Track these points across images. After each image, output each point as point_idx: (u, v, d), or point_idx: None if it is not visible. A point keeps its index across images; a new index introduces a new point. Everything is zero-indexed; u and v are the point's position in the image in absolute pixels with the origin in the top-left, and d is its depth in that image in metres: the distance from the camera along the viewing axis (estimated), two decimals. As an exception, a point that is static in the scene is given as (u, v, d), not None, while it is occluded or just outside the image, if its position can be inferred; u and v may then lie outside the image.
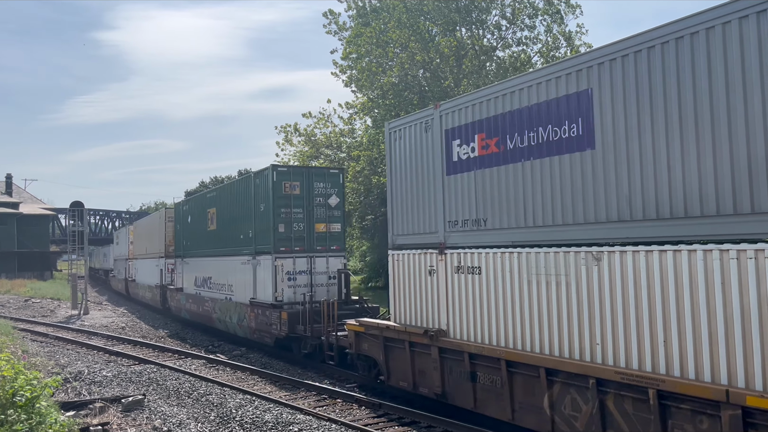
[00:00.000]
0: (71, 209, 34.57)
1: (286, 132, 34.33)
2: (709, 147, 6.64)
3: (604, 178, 7.77)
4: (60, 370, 15.18)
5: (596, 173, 7.87)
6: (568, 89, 8.25)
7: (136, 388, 13.64)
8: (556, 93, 8.42)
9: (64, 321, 27.69)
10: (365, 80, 30.87)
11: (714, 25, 6.58)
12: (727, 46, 6.46)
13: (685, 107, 6.87)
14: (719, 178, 6.56)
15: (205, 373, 15.38)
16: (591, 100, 7.92)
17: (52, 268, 68.61)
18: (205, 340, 21.76)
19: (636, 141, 7.38)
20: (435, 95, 29.01)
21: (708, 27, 6.63)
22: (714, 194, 6.58)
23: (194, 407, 11.94)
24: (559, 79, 8.38)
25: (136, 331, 24.40)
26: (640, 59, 7.31)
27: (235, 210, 19.94)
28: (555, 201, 8.42)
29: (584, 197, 8.00)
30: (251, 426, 10.46)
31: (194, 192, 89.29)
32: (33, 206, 69.04)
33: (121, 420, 11.01)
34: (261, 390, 13.37)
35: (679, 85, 6.92)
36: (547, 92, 8.56)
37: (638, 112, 7.35)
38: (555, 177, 8.42)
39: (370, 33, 30.01)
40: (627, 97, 7.48)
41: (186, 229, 25.57)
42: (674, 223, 6.98)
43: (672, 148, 6.98)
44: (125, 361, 17.39)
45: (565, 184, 8.27)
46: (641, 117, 7.31)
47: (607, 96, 7.70)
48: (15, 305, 34.51)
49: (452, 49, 28.55)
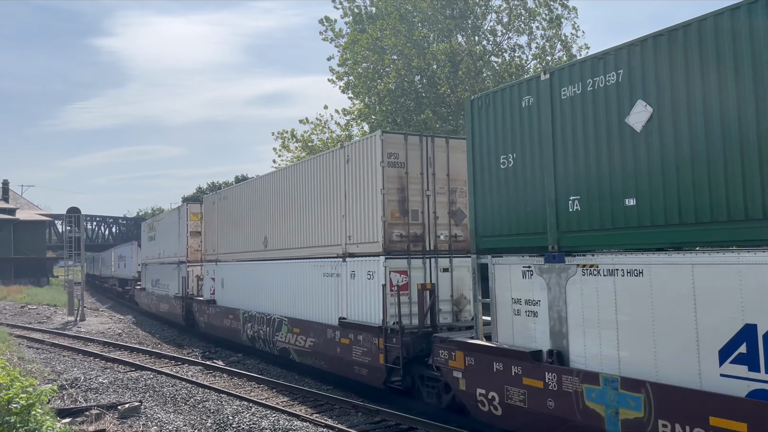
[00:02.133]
0: (68, 215, 34.50)
1: (283, 138, 34.38)
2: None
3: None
4: (56, 377, 15.14)
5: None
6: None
7: (132, 395, 13.59)
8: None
9: (60, 327, 27.62)
10: (362, 86, 30.95)
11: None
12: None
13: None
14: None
15: (202, 379, 15.35)
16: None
17: (49, 274, 68.44)
18: (202, 346, 21.71)
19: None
20: (431, 101, 29.10)
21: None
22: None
23: (191, 414, 11.91)
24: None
25: (132, 338, 24.34)
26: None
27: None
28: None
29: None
30: (248, 432, 10.43)
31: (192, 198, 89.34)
32: (30, 212, 68.92)
33: (117, 427, 10.97)
34: (258, 396, 13.34)
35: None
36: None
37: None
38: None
39: (366, 40, 30.11)
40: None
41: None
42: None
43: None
44: (122, 367, 17.34)
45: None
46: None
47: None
48: (11, 312, 34.41)
49: (448, 55, 28.65)
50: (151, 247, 32.43)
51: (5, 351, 17.00)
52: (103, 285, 56.74)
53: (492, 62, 30.61)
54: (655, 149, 7.14)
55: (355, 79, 31.38)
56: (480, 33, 30.58)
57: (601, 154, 7.77)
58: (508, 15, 30.20)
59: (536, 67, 30.34)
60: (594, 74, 7.92)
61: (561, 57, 29.78)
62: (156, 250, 31.03)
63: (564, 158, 8.31)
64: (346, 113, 33.96)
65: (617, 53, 7.63)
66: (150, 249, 32.86)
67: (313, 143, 34.00)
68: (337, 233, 13.98)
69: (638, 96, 7.35)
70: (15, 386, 7.39)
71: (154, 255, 31.52)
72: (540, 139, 8.68)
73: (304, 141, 33.97)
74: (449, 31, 29.69)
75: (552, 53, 30.09)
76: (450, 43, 29.26)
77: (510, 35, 30.67)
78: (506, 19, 30.28)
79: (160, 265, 29.65)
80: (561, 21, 29.85)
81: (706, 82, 6.69)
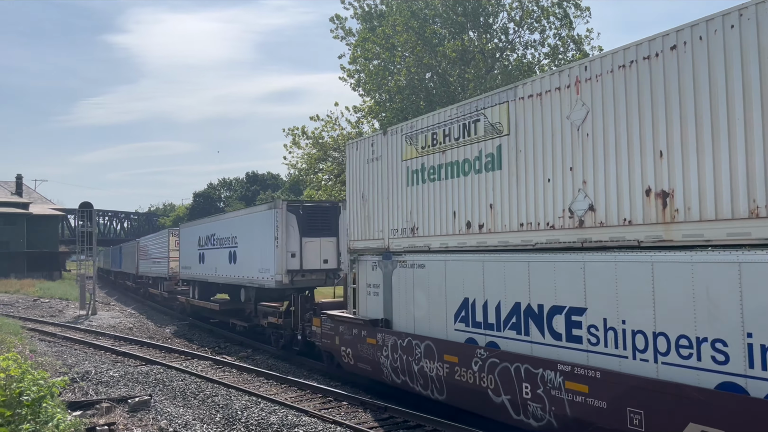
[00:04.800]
0: (80, 210, 34.75)
1: (293, 135, 34.39)
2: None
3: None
4: (67, 370, 15.27)
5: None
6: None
7: (142, 389, 13.70)
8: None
9: (72, 321, 27.85)
10: (372, 84, 30.92)
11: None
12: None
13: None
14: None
15: (211, 374, 15.43)
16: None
17: (61, 268, 69.04)
18: (211, 342, 21.82)
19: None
20: (442, 99, 29.02)
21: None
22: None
23: (200, 408, 11.98)
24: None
25: (143, 332, 24.50)
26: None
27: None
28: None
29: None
30: (257, 428, 10.48)
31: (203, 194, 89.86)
32: (42, 207, 69.55)
33: (128, 420, 11.06)
34: (267, 392, 13.40)
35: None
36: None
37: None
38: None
39: (377, 37, 30.07)
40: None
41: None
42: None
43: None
44: (132, 361, 17.47)
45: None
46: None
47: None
48: (24, 305, 34.74)
49: (458, 53, 28.56)
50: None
51: (17, 344, 17.17)
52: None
53: (503, 60, 30.48)
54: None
55: (365, 76, 31.36)
56: (492, 31, 30.45)
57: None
58: (521, 12, 30.04)
59: (550, 65, 30.18)
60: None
61: (574, 56, 29.58)
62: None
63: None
64: (356, 110, 33.98)
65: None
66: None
67: (324, 140, 34.04)
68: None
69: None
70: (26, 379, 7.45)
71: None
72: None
73: (314, 138, 33.99)
74: (461, 28, 29.58)
75: (565, 52, 29.89)
76: (461, 40, 29.17)
77: (521, 32, 30.52)
78: (518, 16, 30.11)
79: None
80: (572, 20, 29.66)
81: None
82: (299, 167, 35.74)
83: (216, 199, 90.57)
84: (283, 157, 59.71)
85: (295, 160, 35.42)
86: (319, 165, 34.68)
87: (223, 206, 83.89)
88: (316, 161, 34.42)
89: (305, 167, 35.31)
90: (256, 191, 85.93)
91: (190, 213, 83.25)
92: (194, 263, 26.58)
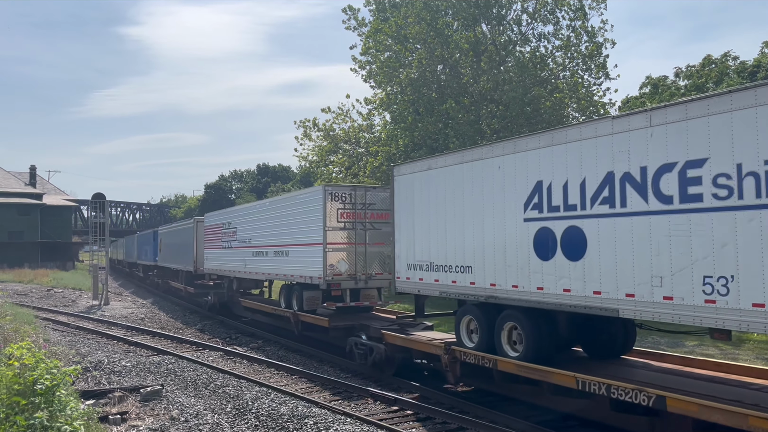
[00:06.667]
0: (93, 201, 35.02)
1: (305, 127, 34.43)
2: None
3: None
4: (80, 359, 15.41)
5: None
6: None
7: (154, 379, 13.80)
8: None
9: (85, 311, 28.10)
10: (384, 76, 30.81)
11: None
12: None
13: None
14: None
15: (222, 364, 15.51)
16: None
17: (74, 258, 69.65)
18: (222, 333, 21.94)
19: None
20: (454, 91, 28.87)
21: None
22: None
23: (211, 398, 12.05)
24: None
25: (155, 322, 24.67)
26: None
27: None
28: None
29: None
30: (267, 418, 10.53)
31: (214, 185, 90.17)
32: (56, 197, 70.12)
33: (140, 409, 11.16)
34: (277, 383, 13.45)
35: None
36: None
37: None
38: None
39: (389, 28, 29.94)
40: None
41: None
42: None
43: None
44: (144, 351, 17.60)
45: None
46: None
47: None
48: (38, 295, 35.11)
49: (471, 44, 28.37)
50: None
51: (31, 333, 17.35)
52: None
53: (516, 52, 30.22)
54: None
55: (377, 68, 31.27)
56: (504, 22, 30.20)
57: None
58: (534, 3, 29.74)
59: (563, 58, 29.90)
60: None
61: (587, 48, 29.29)
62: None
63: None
64: (368, 102, 33.91)
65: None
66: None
67: (335, 132, 34.01)
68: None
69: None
70: (40, 367, 7.51)
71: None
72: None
73: (325, 130, 33.99)
74: (474, 20, 29.37)
75: (578, 45, 29.58)
76: (474, 32, 28.97)
77: (535, 24, 30.24)
78: (532, 7, 29.83)
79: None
80: (586, 11, 29.34)
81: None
82: (310, 159, 35.79)
83: (227, 191, 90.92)
84: (294, 149, 59.98)
85: (306, 152, 35.47)
86: (329, 157, 34.70)
87: (234, 198, 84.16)
88: (327, 153, 34.44)
89: (316, 159, 35.35)
90: (267, 183, 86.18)
91: (201, 205, 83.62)
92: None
